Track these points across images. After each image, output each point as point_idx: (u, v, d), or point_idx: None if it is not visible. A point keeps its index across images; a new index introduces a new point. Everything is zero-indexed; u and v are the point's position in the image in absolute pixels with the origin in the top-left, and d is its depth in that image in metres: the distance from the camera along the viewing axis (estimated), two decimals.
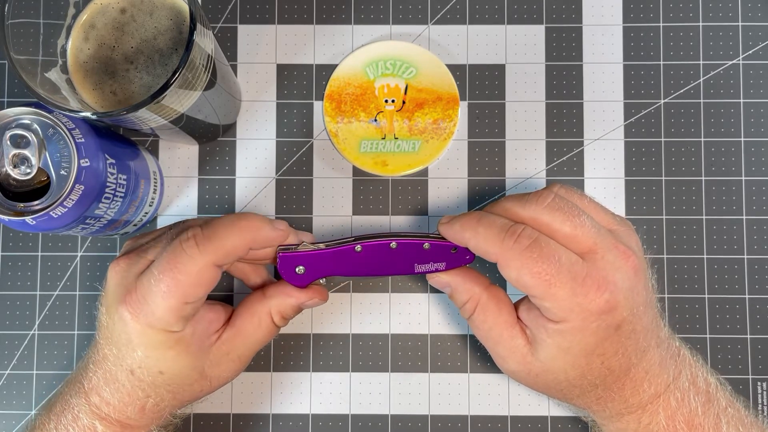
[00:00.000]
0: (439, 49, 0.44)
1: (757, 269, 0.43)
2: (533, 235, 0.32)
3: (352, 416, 0.42)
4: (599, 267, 0.32)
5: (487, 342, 0.36)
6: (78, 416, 0.33)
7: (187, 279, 0.32)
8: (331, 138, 0.43)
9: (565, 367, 0.33)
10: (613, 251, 0.32)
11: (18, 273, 0.43)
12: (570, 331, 0.32)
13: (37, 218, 0.33)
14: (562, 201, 0.33)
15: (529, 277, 0.31)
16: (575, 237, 0.32)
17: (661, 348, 0.34)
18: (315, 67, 0.44)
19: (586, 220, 0.32)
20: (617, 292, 0.31)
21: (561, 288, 0.31)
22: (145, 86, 0.35)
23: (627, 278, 0.32)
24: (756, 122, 0.43)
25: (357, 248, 0.36)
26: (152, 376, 0.33)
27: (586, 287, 0.31)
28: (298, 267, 0.36)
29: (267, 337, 0.36)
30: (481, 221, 0.33)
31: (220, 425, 0.42)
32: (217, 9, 0.44)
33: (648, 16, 0.44)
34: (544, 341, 0.33)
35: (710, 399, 0.34)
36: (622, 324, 0.32)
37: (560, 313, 0.32)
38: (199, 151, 0.44)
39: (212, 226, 0.33)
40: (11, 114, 0.33)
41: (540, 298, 0.32)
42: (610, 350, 0.32)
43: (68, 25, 0.35)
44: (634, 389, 0.33)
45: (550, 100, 0.44)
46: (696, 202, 0.43)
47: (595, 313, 0.31)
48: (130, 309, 0.32)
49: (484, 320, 0.35)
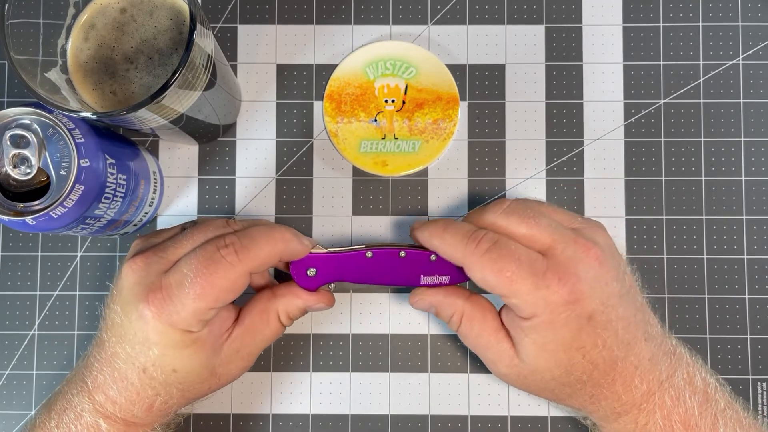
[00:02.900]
0: (439, 49, 0.44)
1: (757, 269, 0.43)
2: (494, 238, 0.34)
3: (352, 416, 0.42)
4: (559, 261, 0.33)
5: (477, 349, 0.37)
6: (81, 414, 0.33)
7: (224, 284, 0.33)
8: (331, 138, 0.43)
9: (549, 365, 0.34)
10: (572, 245, 0.33)
11: (18, 273, 0.43)
12: (541, 326, 0.33)
13: (37, 218, 0.33)
14: (517, 205, 0.35)
15: (491, 277, 0.33)
16: (533, 236, 0.34)
17: (650, 343, 0.34)
18: (315, 67, 0.44)
19: (542, 219, 0.34)
20: (580, 282, 0.32)
21: (523, 284, 0.32)
22: (145, 86, 0.35)
23: (590, 269, 0.33)
24: (756, 122, 0.43)
25: (368, 254, 0.37)
26: (165, 375, 0.33)
27: (547, 280, 0.32)
28: (310, 269, 0.37)
29: (274, 336, 0.37)
30: (447, 228, 0.35)
31: (220, 425, 0.42)
32: (217, 9, 0.44)
33: (648, 16, 0.44)
34: (523, 340, 0.34)
35: (708, 399, 0.34)
36: (593, 314, 0.33)
37: (527, 308, 0.33)
38: (199, 151, 0.44)
39: (248, 235, 0.34)
40: (11, 114, 0.33)
41: (506, 297, 0.33)
42: (589, 342, 0.33)
43: (68, 25, 0.35)
44: (625, 385, 0.33)
45: (550, 100, 0.44)
46: (696, 202, 0.43)
47: (561, 304, 0.32)
48: (152, 307, 0.32)
49: (471, 329, 0.36)
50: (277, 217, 0.43)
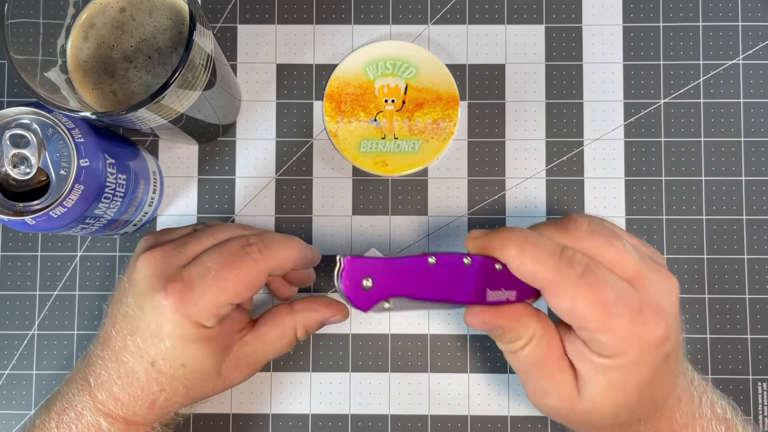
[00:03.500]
0: (439, 49, 0.44)
1: (757, 269, 0.43)
2: (586, 262, 0.29)
3: (352, 416, 0.42)
4: (650, 294, 0.29)
5: (530, 375, 0.32)
6: (81, 413, 0.33)
7: (246, 280, 0.33)
8: (331, 138, 0.43)
9: (615, 405, 0.30)
10: (658, 275, 0.30)
11: (18, 273, 0.43)
12: (626, 366, 0.29)
13: (37, 218, 0.33)
14: (599, 226, 0.31)
15: (585, 306, 0.28)
16: (619, 262, 0.29)
17: (684, 375, 0.32)
18: (315, 67, 0.44)
19: (626, 243, 0.30)
20: (671, 318, 0.29)
21: (619, 319, 0.28)
22: (144, 86, 0.35)
23: (674, 303, 0.30)
24: (756, 122, 0.43)
25: (430, 260, 0.31)
26: (173, 369, 0.33)
27: (644, 316, 0.29)
28: (366, 278, 0.30)
29: (285, 349, 0.37)
30: (528, 239, 0.30)
31: (220, 425, 0.42)
32: (217, 9, 0.44)
33: (648, 16, 0.44)
34: (593, 378, 0.30)
35: (729, 426, 0.32)
36: (670, 353, 0.30)
37: (617, 345, 0.29)
38: (199, 151, 0.44)
39: (269, 237, 0.35)
40: (11, 114, 0.33)
41: (595, 331, 0.29)
42: (659, 383, 0.30)
43: (68, 25, 0.35)
44: (668, 421, 0.31)
45: (550, 100, 0.44)
46: (696, 202, 0.43)
47: (654, 344, 0.29)
48: (171, 297, 0.32)
49: (536, 354, 0.31)
50: (277, 217, 0.43)
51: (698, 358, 0.42)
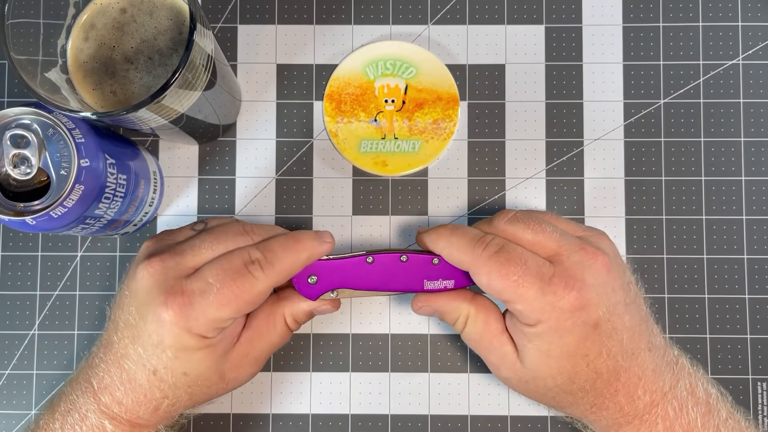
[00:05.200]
0: (439, 49, 0.44)
1: (757, 269, 0.43)
2: (501, 243, 0.34)
3: (352, 416, 0.42)
4: (566, 267, 0.33)
5: (479, 351, 0.37)
6: (86, 415, 0.33)
7: (248, 298, 0.33)
8: (331, 138, 0.43)
9: (551, 372, 0.34)
10: (579, 252, 0.33)
11: (18, 273, 0.43)
12: (546, 332, 0.33)
13: (37, 218, 0.33)
14: (523, 214, 0.35)
15: (498, 281, 0.33)
16: (539, 242, 0.34)
17: (654, 354, 0.34)
18: (315, 67, 0.44)
19: (548, 227, 0.34)
20: (587, 289, 0.32)
21: (529, 288, 0.32)
22: (145, 86, 0.35)
23: (597, 275, 0.33)
24: (756, 122, 0.43)
25: (368, 259, 0.37)
26: (175, 378, 0.33)
27: (554, 285, 0.32)
28: (311, 276, 0.37)
29: (281, 340, 0.37)
30: (454, 232, 0.35)
31: (220, 425, 0.42)
32: (217, 9, 0.44)
33: (648, 16, 0.44)
34: (526, 347, 0.34)
35: (710, 410, 0.33)
36: (599, 322, 0.32)
37: (533, 314, 0.33)
38: (199, 151, 0.44)
39: (271, 249, 0.34)
40: (11, 114, 0.33)
41: (511, 302, 0.33)
42: (593, 351, 0.33)
43: (68, 25, 0.35)
44: (627, 395, 0.33)
45: (549, 100, 0.44)
46: (696, 202, 0.43)
47: (567, 310, 0.32)
48: (171, 311, 0.32)
49: (474, 331, 0.36)
50: (277, 217, 0.43)
51: (698, 358, 0.42)
